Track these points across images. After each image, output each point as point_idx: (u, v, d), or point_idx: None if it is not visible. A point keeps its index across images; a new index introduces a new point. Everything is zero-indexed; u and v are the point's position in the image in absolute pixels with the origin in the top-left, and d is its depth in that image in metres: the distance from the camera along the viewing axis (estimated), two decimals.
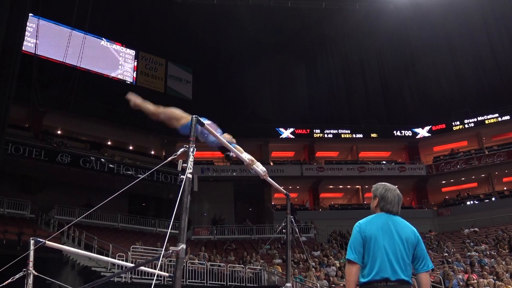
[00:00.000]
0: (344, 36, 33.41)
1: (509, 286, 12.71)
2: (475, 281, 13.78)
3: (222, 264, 16.52)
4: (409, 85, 33.79)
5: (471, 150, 30.20)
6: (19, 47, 18.11)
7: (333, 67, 34.65)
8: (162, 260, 2.85)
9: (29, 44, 23.34)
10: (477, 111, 29.77)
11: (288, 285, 5.42)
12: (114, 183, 21.44)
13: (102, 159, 23.51)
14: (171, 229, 4.01)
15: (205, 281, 15.08)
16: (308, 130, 31.29)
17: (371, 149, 32.42)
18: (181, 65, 32.18)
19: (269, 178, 4.72)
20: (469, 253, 18.76)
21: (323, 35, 32.92)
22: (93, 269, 14.61)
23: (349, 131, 31.53)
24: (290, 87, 32.68)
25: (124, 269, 11.15)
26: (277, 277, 15.70)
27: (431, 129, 31.31)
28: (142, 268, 9.44)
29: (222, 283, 15.37)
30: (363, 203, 30.64)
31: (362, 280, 2.76)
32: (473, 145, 30.94)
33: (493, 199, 28.16)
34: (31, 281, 4.08)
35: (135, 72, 30.37)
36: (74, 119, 24.95)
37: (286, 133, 31.04)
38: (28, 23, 20.76)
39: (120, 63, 29.94)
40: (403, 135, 31.68)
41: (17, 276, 4.07)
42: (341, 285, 14.32)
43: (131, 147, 28.49)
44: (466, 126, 30.29)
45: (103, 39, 29.40)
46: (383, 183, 3.01)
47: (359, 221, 2.88)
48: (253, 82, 30.86)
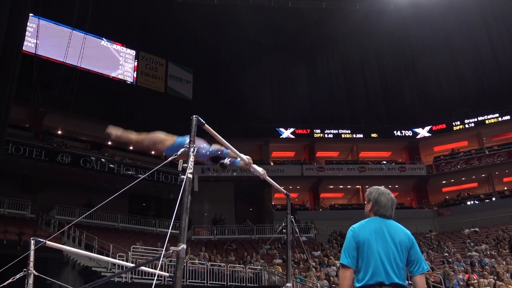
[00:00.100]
0: (344, 36, 33.40)
1: (510, 286, 12.71)
2: (476, 281, 13.78)
3: (222, 264, 16.52)
4: (410, 85, 33.77)
5: (472, 150, 30.18)
6: (20, 47, 18.13)
7: (334, 67, 34.64)
8: (162, 260, 2.85)
9: (29, 44, 23.36)
10: (477, 111, 29.75)
11: (288, 285, 5.42)
12: (114, 183, 21.48)
13: (102, 159, 23.54)
14: (172, 229, 4.01)
15: (205, 281, 15.08)
16: (308, 130, 31.28)
17: (372, 149, 32.41)
18: (181, 65, 32.20)
19: (268, 177, 4.73)
20: (469, 253, 18.75)
21: (323, 35, 32.91)
22: (93, 269, 14.62)
23: (350, 131, 31.52)
24: (290, 87, 32.67)
25: (124, 269, 11.15)
26: (278, 277, 15.70)
27: (431, 129, 31.30)
28: (142, 268, 9.45)
29: (222, 283, 15.37)
30: (363, 203, 30.30)
31: (356, 284, 2.77)
32: (473, 145, 30.93)
33: (494, 199, 28.14)
34: (31, 281, 4.08)
35: (136, 72, 30.38)
36: (74, 119, 24.95)
37: (286, 133, 31.03)
38: (28, 23, 20.77)
39: (120, 63, 29.96)
40: (404, 135, 31.66)
41: (18, 276, 4.08)
42: None
43: (131, 147, 28.46)
44: (466, 126, 30.27)
45: (104, 39, 29.42)
46: (376, 187, 3.03)
47: (353, 226, 2.90)
48: (254, 82, 30.85)
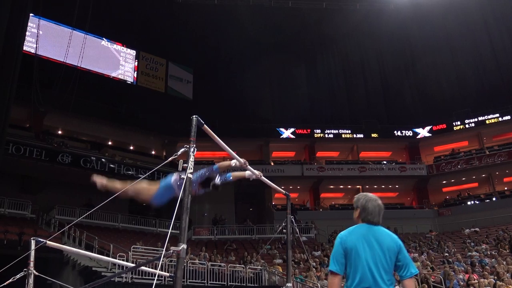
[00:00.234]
0: (344, 36, 33.41)
1: (510, 286, 12.69)
2: (476, 281, 13.77)
3: (222, 264, 16.52)
4: (410, 85, 33.75)
5: (472, 150, 30.18)
6: (20, 47, 18.13)
7: (334, 67, 34.64)
8: (162, 260, 2.85)
9: (29, 44, 23.38)
10: (477, 111, 29.74)
11: (288, 285, 5.43)
12: None
13: (102, 159, 23.53)
14: (172, 229, 4.01)
15: (205, 281, 15.08)
16: (308, 130, 31.27)
17: (372, 149, 32.40)
18: (181, 65, 32.21)
19: (264, 178, 4.79)
20: (469, 253, 18.74)
21: (324, 35, 32.92)
22: (93, 269, 14.62)
23: (350, 131, 31.52)
24: (290, 87, 32.66)
25: (124, 269, 11.16)
26: (278, 277, 15.70)
27: (431, 129, 31.29)
28: (142, 268, 9.45)
29: (222, 283, 15.37)
30: None
31: None
32: (473, 145, 30.92)
33: (494, 199, 28.13)
34: (31, 281, 4.09)
35: (136, 72, 30.39)
36: (74, 119, 24.96)
37: (286, 133, 31.02)
38: (28, 23, 20.77)
39: (120, 63, 29.97)
40: (404, 135, 31.65)
41: (18, 276, 4.08)
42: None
43: (131, 147, 28.49)
44: (466, 126, 30.27)
45: (104, 39, 29.43)
46: (364, 193, 3.07)
47: (341, 233, 2.95)
48: (254, 82, 30.85)
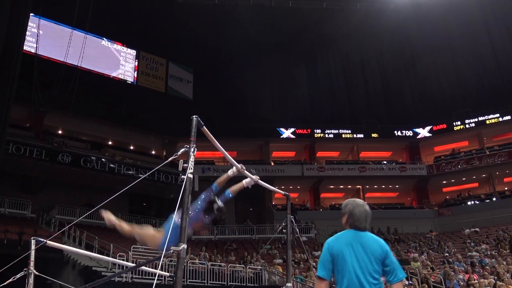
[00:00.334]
0: (344, 36, 33.36)
1: (510, 286, 12.69)
2: (476, 281, 13.77)
3: (222, 264, 16.52)
4: (410, 85, 33.73)
5: (472, 150, 30.18)
6: (20, 47, 18.15)
7: (334, 67, 34.63)
8: (163, 260, 2.85)
9: (30, 44, 23.37)
10: (478, 111, 29.73)
11: (288, 285, 5.43)
12: (114, 183, 21.40)
13: (102, 159, 23.52)
14: None
15: (205, 281, 15.08)
16: (308, 130, 31.26)
17: (372, 149, 32.39)
18: (182, 65, 32.21)
19: (261, 181, 4.88)
20: (469, 253, 18.74)
21: (324, 35, 32.88)
22: (94, 268, 14.63)
23: (350, 131, 31.51)
24: (290, 87, 32.63)
25: (125, 269, 11.15)
26: (278, 277, 15.70)
27: (432, 129, 31.28)
28: (143, 268, 9.45)
29: (222, 283, 15.37)
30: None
31: None
32: (474, 145, 30.91)
33: (494, 199, 28.13)
34: (32, 280, 4.08)
35: (136, 72, 30.39)
36: (75, 119, 24.95)
37: (286, 133, 31.01)
38: (29, 23, 20.78)
39: (121, 63, 29.96)
40: (404, 135, 31.65)
41: (18, 275, 4.08)
42: None
43: (131, 147, 28.49)
44: (467, 126, 30.26)
45: (104, 39, 29.43)
46: (353, 199, 3.09)
47: (328, 239, 2.99)
48: (254, 82, 30.85)
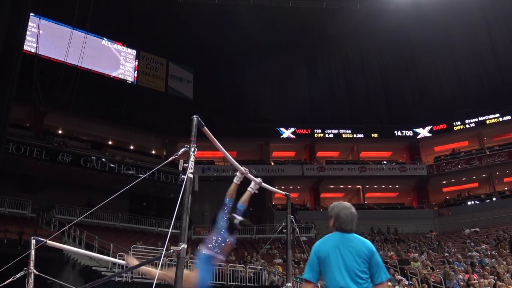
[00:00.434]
0: (345, 36, 33.34)
1: (510, 286, 12.68)
2: (476, 281, 13.76)
3: (222, 263, 16.50)
4: (410, 85, 33.72)
5: (472, 150, 30.16)
6: (20, 47, 18.13)
7: (334, 67, 34.62)
8: (163, 259, 2.85)
9: (30, 43, 23.37)
10: (478, 111, 29.72)
11: (288, 285, 5.43)
12: (115, 182, 21.42)
13: (103, 159, 23.53)
14: (172, 229, 4.01)
15: None
16: (309, 130, 31.26)
17: (372, 149, 32.39)
18: (182, 64, 32.21)
19: (265, 184, 4.91)
20: (469, 253, 18.73)
21: (324, 35, 32.87)
22: (94, 268, 14.64)
23: (350, 131, 31.51)
24: (291, 87, 32.64)
25: (125, 268, 11.14)
26: (278, 277, 15.70)
27: (432, 129, 31.27)
28: (143, 267, 9.44)
29: (222, 282, 15.37)
30: (364, 203, 30.60)
31: None
32: (474, 145, 30.90)
33: (494, 199, 28.12)
34: (32, 280, 4.09)
35: (136, 71, 30.39)
36: (75, 119, 24.97)
37: (287, 133, 31.01)
38: (29, 23, 20.76)
39: (121, 62, 29.97)
40: (404, 135, 31.64)
41: (18, 275, 4.08)
42: None
43: (132, 147, 28.49)
44: (467, 126, 30.25)
45: (104, 38, 29.43)
46: (339, 202, 3.15)
47: (316, 242, 3.08)
48: (254, 82, 30.85)
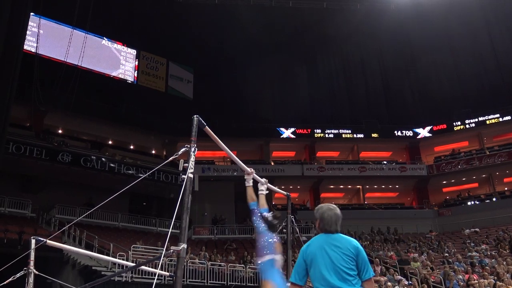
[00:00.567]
0: (345, 36, 33.34)
1: (510, 286, 12.69)
2: (476, 281, 13.77)
3: (222, 263, 16.52)
4: (410, 85, 33.74)
5: (472, 150, 30.17)
6: (20, 46, 18.12)
7: (334, 67, 34.63)
8: (163, 259, 2.85)
9: (30, 43, 23.37)
10: (478, 111, 29.73)
11: (288, 285, 5.43)
12: (115, 182, 21.43)
13: (103, 159, 23.53)
14: (172, 229, 4.02)
15: (205, 281, 15.09)
16: (309, 130, 31.26)
17: (372, 149, 32.39)
18: (182, 64, 32.21)
19: (269, 184, 4.96)
20: (469, 254, 18.72)
21: (324, 35, 32.86)
22: (93, 268, 14.63)
23: (350, 131, 31.51)
24: (291, 87, 32.64)
25: (124, 268, 11.15)
26: None
27: (432, 129, 31.27)
28: (143, 267, 9.47)
29: (222, 282, 15.38)
30: (363, 203, 30.61)
31: None
32: (474, 145, 30.91)
33: (494, 199, 28.12)
34: (32, 280, 4.09)
35: (136, 71, 30.39)
36: (75, 119, 24.97)
37: (287, 133, 31.01)
38: (29, 22, 20.75)
39: (121, 62, 29.96)
40: (404, 135, 31.64)
41: (18, 275, 4.08)
42: None
43: (132, 147, 28.50)
44: (467, 126, 30.26)
45: (104, 38, 29.43)
46: (323, 204, 3.21)
47: (304, 245, 3.11)
48: (254, 82, 30.84)
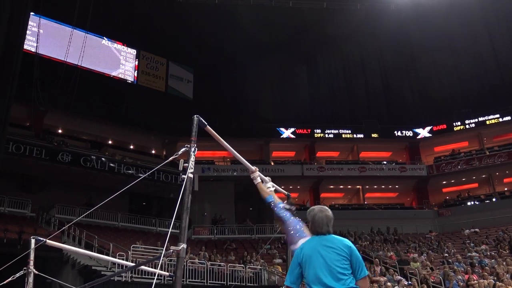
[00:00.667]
0: (345, 36, 33.33)
1: (510, 287, 12.69)
2: (476, 281, 13.76)
3: (222, 263, 16.51)
4: (410, 85, 33.74)
5: (472, 150, 30.16)
6: (20, 46, 18.10)
7: (334, 67, 34.63)
8: (162, 259, 2.85)
9: (30, 43, 23.38)
10: (478, 111, 29.73)
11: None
12: (114, 182, 21.43)
13: (102, 158, 23.52)
14: (172, 229, 4.02)
15: (205, 281, 15.08)
16: (309, 130, 31.26)
17: (372, 149, 32.39)
18: (182, 64, 32.22)
19: (272, 183, 4.98)
20: (469, 254, 18.72)
21: (324, 35, 32.85)
22: (93, 268, 14.63)
23: (350, 131, 31.51)
24: (291, 87, 32.65)
25: (124, 268, 11.14)
26: (277, 276, 15.71)
27: (432, 130, 31.28)
28: (142, 267, 9.46)
29: (222, 282, 15.37)
30: (363, 203, 30.61)
31: None
32: (474, 145, 30.90)
33: (494, 199, 28.11)
34: (31, 279, 4.09)
35: (136, 71, 30.39)
36: (75, 118, 24.97)
37: (287, 133, 31.01)
38: (29, 22, 20.75)
39: (121, 62, 29.97)
40: (404, 135, 31.65)
41: (18, 274, 4.08)
42: None
43: (131, 147, 28.49)
44: (467, 126, 30.26)
45: (104, 38, 29.43)
46: (315, 206, 3.26)
47: (297, 248, 3.15)
48: (254, 81, 30.85)
